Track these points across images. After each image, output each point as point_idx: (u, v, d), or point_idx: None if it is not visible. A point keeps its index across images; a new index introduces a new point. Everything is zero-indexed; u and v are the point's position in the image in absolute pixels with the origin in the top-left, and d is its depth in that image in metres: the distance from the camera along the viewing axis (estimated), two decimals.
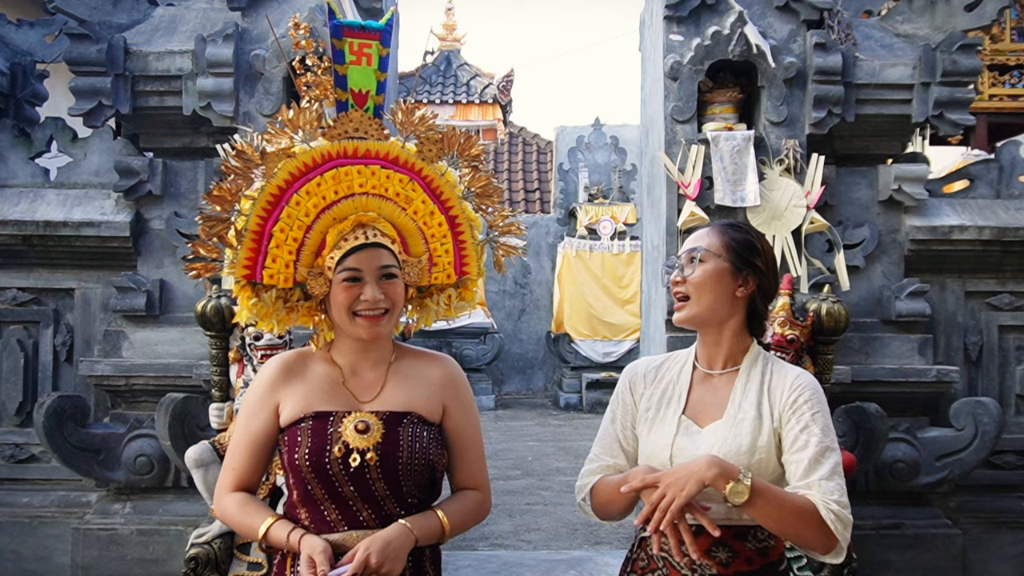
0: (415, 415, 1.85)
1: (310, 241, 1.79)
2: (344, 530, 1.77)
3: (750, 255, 1.90)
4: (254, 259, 1.77)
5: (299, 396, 1.83)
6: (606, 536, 5.46)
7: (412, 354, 1.95)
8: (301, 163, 1.77)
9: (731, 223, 1.99)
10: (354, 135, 1.82)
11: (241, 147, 1.79)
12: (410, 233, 1.86)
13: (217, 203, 1.77)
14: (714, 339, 1.92)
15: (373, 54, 1.86)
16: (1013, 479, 4.29)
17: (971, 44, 4.11)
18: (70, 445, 3.91)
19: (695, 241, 1.93)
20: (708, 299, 1.87)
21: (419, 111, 1.87)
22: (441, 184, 1.86)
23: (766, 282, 1.92)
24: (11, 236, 4.20)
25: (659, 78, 4.26)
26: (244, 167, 1.77)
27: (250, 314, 1.81)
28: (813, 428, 1.78)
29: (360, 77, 1.86)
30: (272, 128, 1.81)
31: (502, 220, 1.95)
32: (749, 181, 4.04)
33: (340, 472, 1.75)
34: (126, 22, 4.27)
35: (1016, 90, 9.60)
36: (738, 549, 1.79)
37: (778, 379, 1.87)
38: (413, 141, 1.87)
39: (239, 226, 1.76)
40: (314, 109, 1.82)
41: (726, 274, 1.88)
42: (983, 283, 4.38)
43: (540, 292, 13.50)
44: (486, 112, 17.54)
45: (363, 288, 1.77)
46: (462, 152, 1.91)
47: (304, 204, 1.77)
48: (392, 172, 1.82)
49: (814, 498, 1.72)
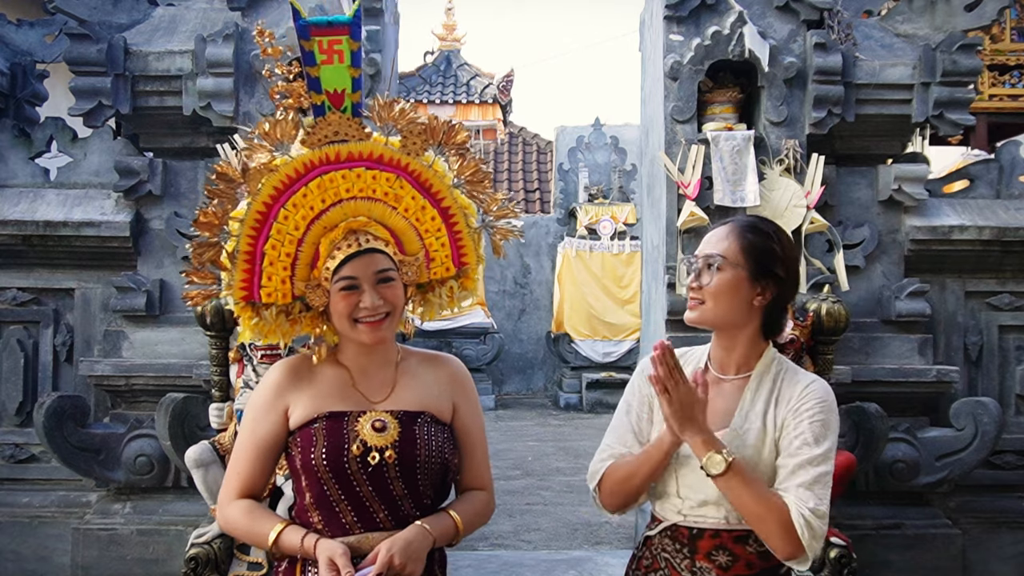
0: (428, 414, 1.85)
1: (303, 254, 1.77)
2: (359, 532, 1.76)
3: (770, 263, 1.83)
4: (249, 280, 1.75)
5: (309, 398, 1.81)
6: (606, 536, 5.46)
7: (417, 355, 1.94)
8: (284, 176, 1.73)
9: (752, 223, 1.90)
10: (334, 139, 1.77)
11: (222, 169, 1.75)
12: (403, 231, 1.84)
13: (205, 229, 1.74)
14: (727, 343, 1.89)
15: (344, 50, 1.77)
16: (1013, 479, 4.29)
17: (971, 44, 4.11)
18: (70, 445, 3.91)
19: (714, 245, 1.86)
20: (723, 308, 1.83)
21: (398, 105, 1.81)
22: (429, 176, 1.82)
23: (785, 290, 1.87)
24: (11, 236, 4.20)
25: (659, 78, 4.26)
26: (228, 188, 1.75)
27: (253, 333, 1.79)
28: (806, 435, 1.75)
29: (333, 76, 1.78)
30: (249, 144, 1.77)
31: (495, 204, 1.91)
32: (749, 181, 4.04)
33: (359, 471, 1.74)
34: (126, 22, 4.27)
35: (1016, 90, 9.60)
36: (739, 553, 1.79)
37: (788, 388, 1.83)
38: (396, 135, 1.82)
39: (229, 248, 1.73)
40: (290, 119, 1.77)
41: (744, 283, 1.82)
42: (983, 283, 4.37)
43: (540, 292, 13.50)
44: (486, 112, 17.54)
45: (361, 295, 1.75)
46: (447, 141, 1.86)
47: (292, 218, 1.74)
48: (378, 172, 1.79)
49: (789, 500, 1.70)
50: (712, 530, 1.80)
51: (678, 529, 1.84)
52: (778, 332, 1.92)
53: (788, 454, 1.76)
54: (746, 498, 1.70)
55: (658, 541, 1.88)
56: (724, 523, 1.79)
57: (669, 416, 1.74)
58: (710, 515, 1.80)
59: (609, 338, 11.70)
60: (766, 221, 1.94)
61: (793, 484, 1.72)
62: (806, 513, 1.68)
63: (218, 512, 1.86)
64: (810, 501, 1.69)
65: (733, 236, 1.85)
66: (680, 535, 1.84)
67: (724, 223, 1.92)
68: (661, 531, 1.88)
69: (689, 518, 1.83)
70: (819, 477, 1.72)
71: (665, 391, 1.72)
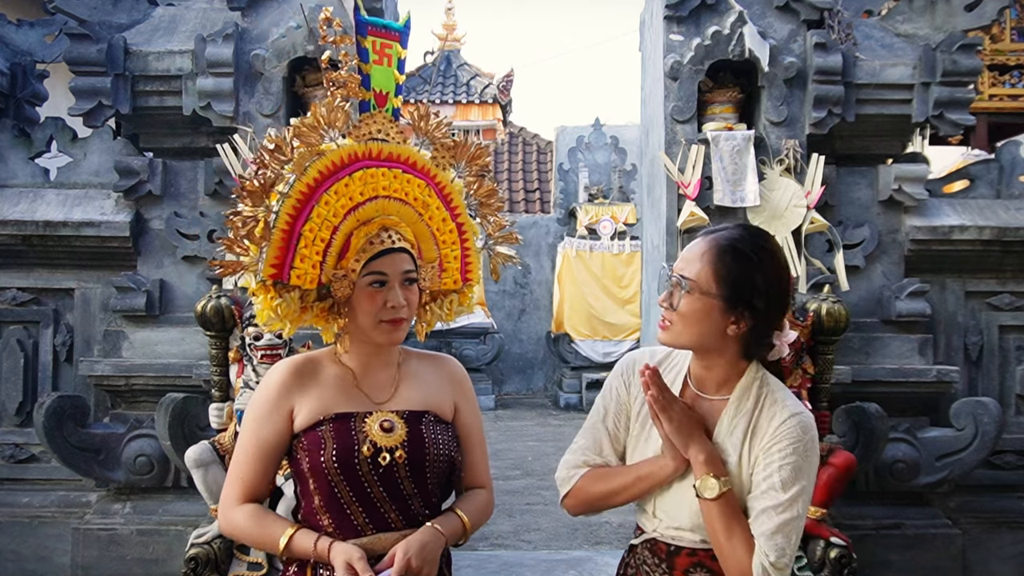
0: (432, 414, 1.86)
1: (335, 242, 1.76)
2: (372, 533, 1.76)
3: (746, 294, 1.67)
4: (282, 259, 1.72)
5: (314, 399, 1.80)
6: (606, 536, 5.45)
7: (416, 355, 1.96)
8: (330, 162, 1.73)
9: (733, 243, 1.70)
10: (377, 136, 1.80)
11: (279, 141, 1.74)
12: (425, 238, 1.86)
13: (250, 198, 1.70)
14: (705, 363, 1.77)
15: (394, 55, 1.85)
16: (1013, 479, 4.29)
17: (971, 44, 4.11)
18: (70, 445, 3.91)
19: (687, 264, 1.72)
20: (692, 334, 1.72)
21: (436, 117, 1.87)
22: (452, 191, 1.87)
23: (766, 320, 1.71)
24: (11, 236, 4.20)
25: (659, 78, 4.26)
26: (276, 161, 1.72)
27: (273, 315, 1.75)
28: (774, 479, 1.65)
29: (381, 78, 1.84)
30: (303, 124, 1.76)
31: (499, 229, 1.95)
32: (749, 181, 4.04)
33: (370, 472, 1.74)
34: (126, 22, 4.27)
35: (1016, 90, 9.60)
36: (716, 570, 1.74)
37: (765, 420, 1.70)
38: (428, 146, 1.86)
39: (263, 224, 1.70)
40: (346, 108, 1.79)
41: (715, 311, 1.68)
42: (983, 283, 4.37)
43: (540, 292, 13.49)
44: (486, 112, 17.53)
45: (388, 293, 1.76)
46: (472, 161, 1.91)
47: (333, 204, 1.73)
48: (412, 177, 1.81)
49: (756, 547, 1.64)
50: (689, 548, 1.77)
51: (656, 544, 1.81)
52: (761, 356, 1.78)
53: (755, 496, 1.68)
54: (719, 530, 1.66)
55: (640, 551, 1.86)
56: (701, 543, 1.75)
57: (671, 435, 1.69)
58: (686, 537, 1.77)
59: (609, 338, 11.70)
60: (752, 238, 1.74)
61: (757, 531, 1.65)
62: (766, 564, 1.62)
63: (221, 516, 1.84)
64: (772, 554, 1.62)
65: (708, 259, 1.70)
66: (659, 550, 1.80)
67: (705, 234, 1.77)
68: (643, 542, 1.85)
69: (666, 536, 1.79)
70: (782, 526, 1.63)
71: (664, 410, 1.69)
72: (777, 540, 1.63)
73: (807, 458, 1.68)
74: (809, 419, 1.72)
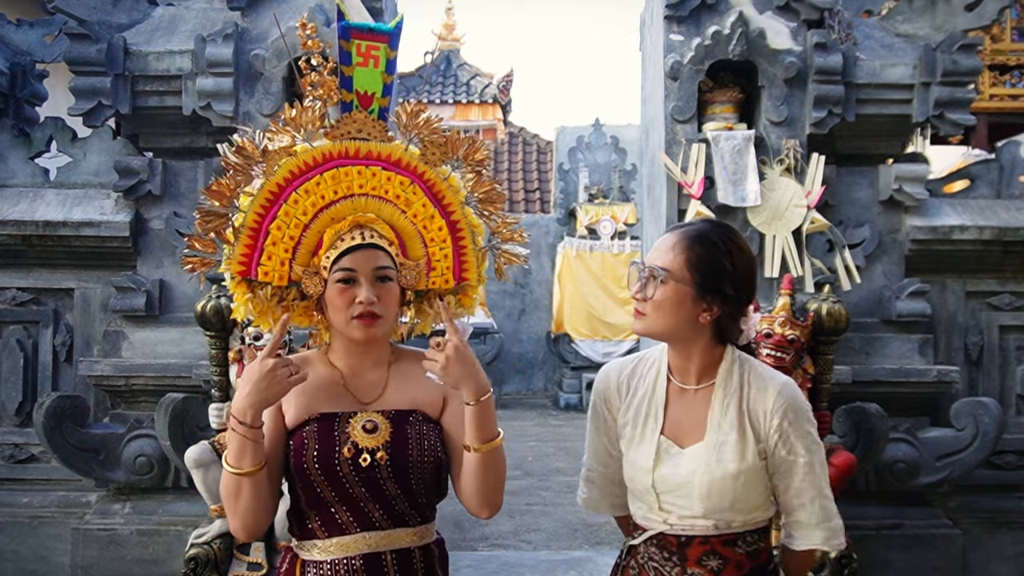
0: (420, 413, 1.83)
1: (307, 240, 1.79)
2: (356, 532, 1.75)
3: (717, 280, 1.75)
4: (250, 255, 1.77)
5: (302, 399, 1.80)
6: (606, 536, 5.45)
7: (411, 355, 1.93)
8: (301, 162, 1.77)
9: (702, 233, 1.80)
10: (357, 136, 1.81)
11: (242, 144, 1.78)
12: (409, 236, 1.85)
13: (215, 198, 1.77)
14: (682, 353, 1.84)
15: (381, 56, 1.85)
16: (1013, 479, 4.29)
17: (971, 44, 4.11)
18: (70, 445, 3.90)
19: (660, 255, 1.79)
20: (666, 322, 1.78)
21: (423, 113, 1.86)
22: (443, 188, 1.85)
23: (735, 305, 1.79)
24: (11, 236, 4.20)
25: (659, 78, 4.26)
26: (244, 164, 1.77)
27: (245, 310, 1.80)
28: (798, 448, 1.77)
29: (366, 79, 1.85)
30: (275, 126, 1.81)
31: (505, 227, 1.93)
32: (750, 181, 4.04)
33: (351, 473, 1.73)
34: (126, 22, 4.26)
35: (1016, 90, 9.60)
36: (728, 555, 1.78)
37: (757, 394, 1.78)
38: (416, 144, 1.86)
39: (237, 223, 1.76)
40: (317, 108, 1.81)
41: (688, 299, 1.76)
42: (983, 283, 4.37)
43: (540, 292, 13.48)
44: (486, 112, 17.53)
45: (357, 289, 1.75)
46: (466, 157, 1.89)
47: (302, 203, 1.77)
48: (393, 174, 1.82)
49: (815, 539, 1.82)
50: (701, 536, 1.78)
51: (665, 537, 1.82)
52: (733, 340, 1.85)
53: (783, 472, 1.80)
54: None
55: (644, 550, 1.85)
56: (713, 530, 1.78)
57: None
58: (699, 524, 1.79)
59: (609, 338, 11.70)
60: (720, 228, 1.83)
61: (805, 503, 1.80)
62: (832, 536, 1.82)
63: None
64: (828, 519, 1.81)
65: (679, 248, 1.77)
66: (668, 543, 1.81)
67: (673, 229, 1.85)
68: (646, 540, 1.85)
69: (676, 527, 1.81)
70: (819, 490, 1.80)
71: None
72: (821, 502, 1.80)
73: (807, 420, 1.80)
74: (791, 385, 1.82)
